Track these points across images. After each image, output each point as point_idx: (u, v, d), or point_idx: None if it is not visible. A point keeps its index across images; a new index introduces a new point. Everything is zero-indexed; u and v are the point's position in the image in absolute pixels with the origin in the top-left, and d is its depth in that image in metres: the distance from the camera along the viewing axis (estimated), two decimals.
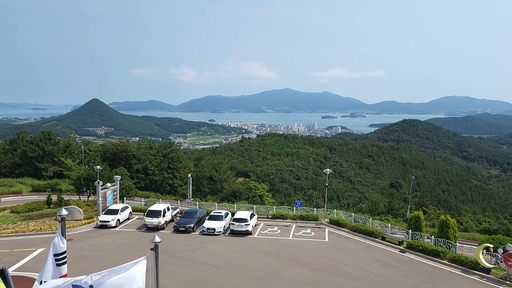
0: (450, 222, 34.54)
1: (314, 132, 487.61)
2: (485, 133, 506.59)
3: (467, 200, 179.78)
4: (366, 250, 34.09)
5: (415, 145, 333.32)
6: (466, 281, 28.00)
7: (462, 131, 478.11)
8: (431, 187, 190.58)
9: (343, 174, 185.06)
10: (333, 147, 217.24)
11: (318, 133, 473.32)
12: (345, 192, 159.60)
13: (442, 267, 30.56)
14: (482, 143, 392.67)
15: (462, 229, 57.65)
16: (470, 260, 29.98)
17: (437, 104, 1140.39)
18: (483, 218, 63.96)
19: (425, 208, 66.04)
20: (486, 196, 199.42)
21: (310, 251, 33.18)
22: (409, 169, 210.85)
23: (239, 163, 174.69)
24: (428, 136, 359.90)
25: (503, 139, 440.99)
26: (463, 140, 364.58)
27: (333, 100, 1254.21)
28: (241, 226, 37.01)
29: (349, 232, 38.58)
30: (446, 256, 31.55)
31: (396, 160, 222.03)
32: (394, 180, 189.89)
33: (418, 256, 32.62)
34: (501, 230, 54.74)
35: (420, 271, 29.44)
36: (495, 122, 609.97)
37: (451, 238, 34.05)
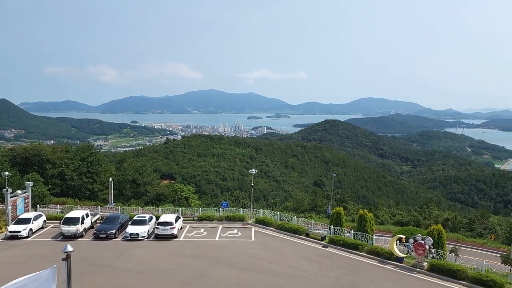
0: (367, 216, 36.57)
1: (240, 133, 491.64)
2: (398, 132, 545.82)
3: (383, 195, 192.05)
4: (291, 247, 34.95)
5: (336, 144, 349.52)
6: (382, 271, 29.81)
7: (377, 130, 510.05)
8: (351, 184, 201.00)
9: (269, 174, 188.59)
10: (259, 148, 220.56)
11: (244, 134, 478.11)
12: (271, 191, 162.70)
13: (361, 259, 32.26)
14: (395, 142, 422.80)
15: (378, 222, 61.53)
16: (386, 251, 31.96)
17: (355, 105, 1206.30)
18: (396, 211, 68.72)
19: (345, 204, 69.38)
20: (399, 190, 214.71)
21: (237, 251, 33.27)
22: (331, 167, 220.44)
23: (164, 165, 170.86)
24: (348, 136, 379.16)
25: (413, 138, 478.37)
26: (378, 139, 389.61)
27: (258, 101, 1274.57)
28: (166, 230, 36.11)
29: (275, 230, 39.30)
30: (365, 248, 33.34)
31: (319, 159, 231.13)
32: (317, 178, 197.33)
33: (339, 250, 34.11)
34: (412, 222, 59.29)
35: (341, 264, 30.81)
36: (406, 121, 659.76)
37: (368, 231, 36.08)
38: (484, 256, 46.55)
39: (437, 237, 32.48)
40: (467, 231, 59.15)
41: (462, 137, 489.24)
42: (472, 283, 27.16)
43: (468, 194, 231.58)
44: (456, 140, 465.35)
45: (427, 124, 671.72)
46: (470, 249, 50.67)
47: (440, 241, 32.66)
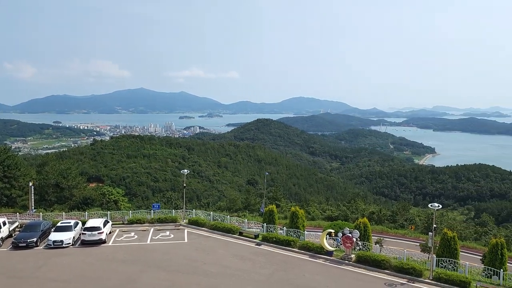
0: (299, 213, 37.46)
1: (171, 133, 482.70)
2: (327, 130, 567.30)
3: (314, 191, 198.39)
4: (225, 246, 34.85)
5: (268, 143, 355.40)
6: (313, 265, 30.72)
7: (308, 129, 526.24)
8: (284, 182, 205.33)
9: (202, 174, 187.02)
10: (191, 147, 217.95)
11: (175, 134, 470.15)
12: (204, 191, 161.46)
13: (294, 255, 32.99)
14: (325, 140, 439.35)
15: (310, 218, 63.37)
16: (316, 245, 32.97)
17: (287, 104, 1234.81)
18: (327, 207, 71.31)
19: (278, 202, 70.65)
20: (329, 187, 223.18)
21: (169, 253, 32.51)
22: (264, 166, 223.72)
23: (91, 168, 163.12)
24: (280, 134, 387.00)
25: (342, 136, 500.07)
26: (309, 137, 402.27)
27: (190, 100, 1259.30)
28: (94, 235, 34.35)
29: (208, 231, 38.96)
30: (297, 244, 34.13)
31: (252, 158, 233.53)
32: (250, 177, 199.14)
33: (272, 247, 34.59)
34: (341, 216, 61.81)
35: (274, 261, 31.27)
36: (335, 120, 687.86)
37: (300, 227, 36.97)
38: (406, 246, 49.67)
39: (363, 230, 34.08)
40: (390, 223, 62.79)
41: (386, 134, 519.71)
42: (395, 271, 28.89)
43: (391, 188, 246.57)
44: (380, 138, 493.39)
45: (354, 122, 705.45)
46: (393, 240, 53.90)
47: (366, 233, 34.30)
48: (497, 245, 29.18)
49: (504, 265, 28.82)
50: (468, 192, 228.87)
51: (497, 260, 28.83)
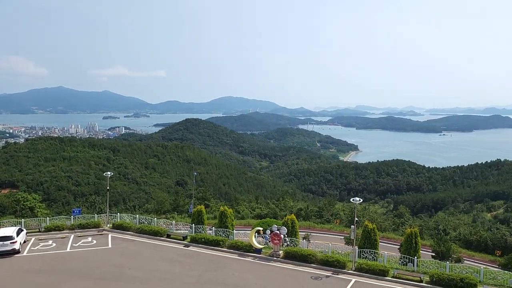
0: (227, 212, 37.42)
1: (95, 134, 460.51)
2: (256, 130, 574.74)
3: (244, 190, 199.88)
4: (152, 250, 33.79)
5: (198, 143, 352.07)
6: (242, 263, 30.83)
7: (238, 128, 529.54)
8: (214, 182, 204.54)
9: (128, 176, 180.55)
10: (116, 149, 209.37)
11: (99, 135, 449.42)
12: (131, 194, 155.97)
13: (223, 254, 32.86)
14: (254, 139, 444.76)
15: (239, 217, 63.69)
16: (245, 244, 33.13)
17: (216, 104, 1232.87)
18: (256, 205, 72.08)
19: (207, 202, 70.17)
20: (259, 185, 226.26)
21: (92, 260, 30.80)
22: (193, 166, 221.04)
23: (3, 172, 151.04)
24: (209, 134, 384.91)
25: (271, 135, 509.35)
26: (239, 137, 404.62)
27: (115, 100, 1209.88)
28: (5, 245, 31.55)
29: (134, 234, 37.54)
30: (226, 243, 34.04)
31: (181, 158, 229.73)
32: (179, 178, 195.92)
33: (201, 248, 34.16)
34: (270, 214, 62.76)
35: (203, 262, 30.90)
36: (264, 119, 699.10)
37: (229, 226, 36.94)
38: (331, 239, 51.79)
39: (291, 227, 34.84)
40: (317, 218, 65.06)
41: (313, 133, 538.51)
42: (321, 264, 29.91)
43: (319, 185, 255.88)
44: (307, 136, 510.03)
45: (283, 121, 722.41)
46: (320, 234, 55.91)
47: (293, 229, 35.10)
48: (412, 234, 31.33)
49: (418, 253, 31.01)
50: (387, 186, 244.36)
51: (412, 248, 30.95)
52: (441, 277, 26.58)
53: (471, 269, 29.20)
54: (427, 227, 65.98)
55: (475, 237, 56.99)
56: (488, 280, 28.20)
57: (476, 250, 55.04)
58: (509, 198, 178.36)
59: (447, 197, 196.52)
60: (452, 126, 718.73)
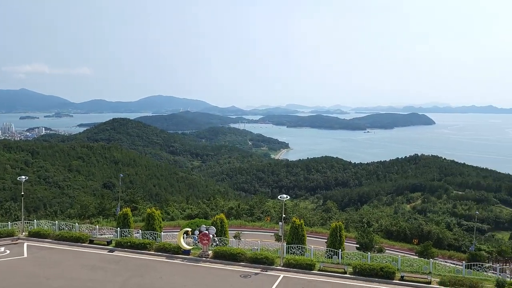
0: (155, 214, 36.33)
1: (11, 135, 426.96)
2: (188, 129, 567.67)
3: (175, 191, 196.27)
4: (73, 257, 31.78)
5: (126, 143, 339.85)
6: (170, 266, 30.02)
7: (168, 128, 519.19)
8: (143, 183, 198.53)
9: (49, 180, 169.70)
10: (35, 151, 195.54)
11: (16, 136, 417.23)
12: (53, 199, 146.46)
13: (150, 258, 31.78)
14: (186, 138, 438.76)
15: (169, 219, 62.32)
16: (173, 246, 32.34)
17: (145, 103, 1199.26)
18: (186, 206, 70.86)
19: (135, 204, 67.74)
20: (191, 185, 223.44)
21: (5, 272, 28.27)
22: (122, 168, 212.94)
23: None
24: (138, 134, 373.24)
25: (202, 134, 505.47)
26: (169, 136, 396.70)
27: (33, 99, 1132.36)
28: None
29: (54, 242, 35.12)
30: (153, 246, 32.99)
31: (108, 160, 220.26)
32: (107, 180, 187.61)
33: (127, 252, 32.78)
34: (201, 214, 62.08)
35: (129, 267, 29.65)
36: (195, 119, 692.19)
37: (157, 228, 35.89)
38: (263, 237, 52.36)
39: (220, 226, 34.63)
40: (248, 216, 65.43)
41: (244, 131, 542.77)
42: (250, 262, 30.00)
43: (251, 183, 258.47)
44: (239, 135, 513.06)
45: (214, 120, 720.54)
46: (251, 232, 56.30)
47: (223, 229, 34.93)
48: (336, 228, 32.50)
49: (342, 246, 32.24)
50: (317, 182, 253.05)
51: (336, 241, 32.12)
52: (363, 267, 27.83)
53: (390, 258, 30.91)
54: (352, 220, 69.10)
55: (395, 228, 60.67)
56: (405, 268, 30.00)
57: (396, 240, 58.63)
58: (425, 190, 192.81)
59: (371, 191, 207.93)
60: (375, 124, 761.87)
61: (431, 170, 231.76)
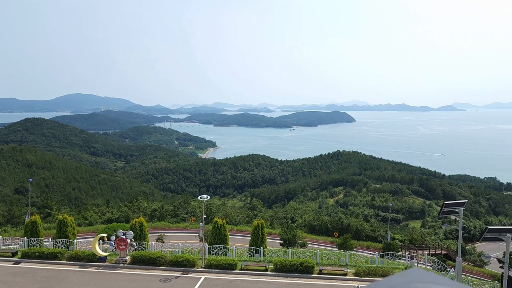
0: (67, 221, 33.96)
1: None
2: (110, 129, 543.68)
3: (97, 194, 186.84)
4: None
5: (41, 144, 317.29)
6: (84, 275, 28.15)
7: (89, 127, 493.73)
8: (61, 187, 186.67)
9: None
10: None
11: None
12: None
13: (61, 267, 29.60)
14: (108, 138, 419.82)
15: (87, 224, 58.82)
16: (88, 253, 30.40)
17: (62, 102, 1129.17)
18: (106, 209, 67.44)
19: (50, 210, 63.24)
20: (114, 187, 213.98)
21: None
22: (36, 171, 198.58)
23: None
24: (54, 135, 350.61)
25: (126, 133, 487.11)
26: (90, 137, 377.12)
27: None
28: None
29: None
30: (65, 255, 30.75)
31: (20, 163, 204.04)
32: (19, 185, 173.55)
33: (35, 263, 30.23)
34: (122, 217, 59.43)
35: (37, 278, 27.33)
36: (118, 118, 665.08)
37: (70, 236, 33.55)
38: (187, 238, 51.34)
39: (139, 230, 33.20)
40: (172, 218, 63.87)
41: (170, 131, 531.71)
42: (171, 265, 29.12)
43: (178, 183, 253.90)
44: (165, 134, 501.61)
45: (138, 120, 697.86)
46: (176, 234, 54.96)
47: (142, 232, 33.52)
48: (258, 226, 32.62)
49: (264, 243, 32.42)
50: (245, 180, 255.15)
51: (258, 239, 32.22)
52: (283, 263, 28.19)
53: (310, 253, 31.64)
54: (277, 217, 70.39)
55: (317, 222, 62.74)
56: (324, 261, 30.91)
57: (319, 234, 60.64)
58: (347, 184, 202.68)
59: (297, 187, 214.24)
60: (300, 122, 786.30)
61: (352, 165, 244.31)
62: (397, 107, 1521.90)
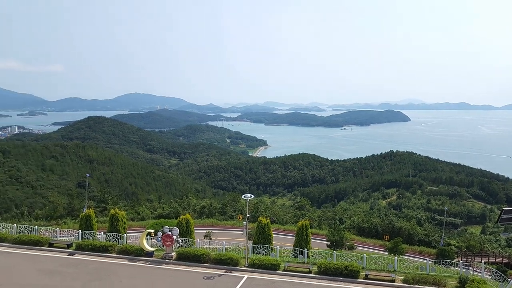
0: (119, 215, 35.22)
1: None
2: (165, 127, 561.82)
3: (152, 190, 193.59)
4: (30, 262, 30.50)
5: (102, 141, 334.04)
6: (132, 269, 29.11)
7: (145, 126, 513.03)
8: (119, 182, 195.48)
9: (21, 180, 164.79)
10: (7, 150, 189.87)
11: None
12: (25, 199, 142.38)
13: (111, 261, 30.78)
14: (163, 136, 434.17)
15: (140, 218, 61.07)
16: (136, 248, 31.39)
17: (121, 101, 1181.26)
18: (158, 205, 69.66)
19: (105, 205, 66.26)
20: (168, 184, 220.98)
21: None
22: (97, 166, 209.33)
23: None
24: (114, 132, 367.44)
25: (180, 132, 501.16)
26: (146, 134, 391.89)
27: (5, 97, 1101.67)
28: None
29: (11, 246, 33.68)
30: (115, 249, 31.96)
31: (83, 159, 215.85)
32: (81, 179, 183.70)
33: (87, 256, 31.66)
34: (172, 214, 61.07)
35: (88, 270, 28.62)
36: (173, 116, 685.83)
37: (121, 230, 34.82)
38: (235, 235, 51.87)
39: (185, 226, 33.81)
40: (221, 215, 64.76)
41: (222, 129, 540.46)
42: (214, 263, 29.38)
43: (229, 181, 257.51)
44: (217, 132, 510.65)
45: (192, 118, 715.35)
46: (223, 231, 55.65)
47: (188, 229, 34.10)
48: (303, 227, 32.16)
49: (308, 244, 31.91)
50: (294, 179, 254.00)
51: (303, 240, 31.77)
52: (327, 266, 27.57)
53: (356, 256, 30.75)
54: (325, 217, 69.27)
55: (367, 225, 61.02)
56: (371, 266, 29.90)
57: (368, 236, 58.94)
58: (400, 186, 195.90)
59: (348, 187, 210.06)
60: (352, 121, 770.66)
61: (406, 166, 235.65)
62: (456, 105, 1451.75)
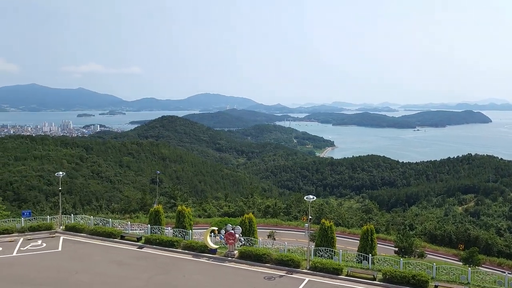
0: (185, 212, 36.37)
1: (69, 132, 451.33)
2: (234, 126, 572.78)
3: (220, 188, 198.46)
4: (103, 252, 32.54)
5: (174, 140, 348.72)
6: (195, 265, 29.97)
7: (215, 125, 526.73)
8: (190, 179, 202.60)
9: (102, 175, 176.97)
10: (90, 147, 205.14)
11: (73, 133, 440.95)
12: (104, 193, 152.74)
13: (177, 256, 31.91)
14: (232, 135, 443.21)
15: (206, 216, 62.77)
16: (200, 244, 32.24)
17: (192, 101, 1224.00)
18: (224, 203, 71.16)
19: (174, 201, 68.91)
20: (235, 182, 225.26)
21: (39, 265, 29.38)
22: (169, 164, 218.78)
23: None
24: (185, 131, 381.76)
25: (248, 131, 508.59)
26: (216, 134, 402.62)
27: (89, 97, 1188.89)
28: None
29: (88, 236, 36.18)
30: (181, 244, 33.07)
31: (156, 156, 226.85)
32: (155, 175, 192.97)
33: (155, 249, 33.10)
34: (238, 212, 61.99)
35: (155, 264, 29.90)
36: (241, 116, 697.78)
37: (186, 226, 35.93)
38: (299, 236, 51.42)
39: (248, 225, 34.05)
40: (285, 215, 64.67)
41: (289, 129, 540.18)
42: (275, 264, 29.32)
43: (295, 181, 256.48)
44: (284, 132, 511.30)
45: (260, 118, 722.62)
46: (287, 232, 55.53)
47: (251, 228, 34.31)
48: (367, 231, 31.05)
49: (374, 250, 30.73)
50: (363, 181, 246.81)
51: (368, 245, 30.67)
52: (393, 274, 26.36)
53: (425, 265, 29.06)
54: (394, 222, 66.45)
55: (439, 232, 57.60)
56: (441, 276, 28.11)
57: (441, 245, 55.56)
58: (479, 192, 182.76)
59: (420, 191, 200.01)
60: (426, 122, 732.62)
61: (486, 170, 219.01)
62: None
